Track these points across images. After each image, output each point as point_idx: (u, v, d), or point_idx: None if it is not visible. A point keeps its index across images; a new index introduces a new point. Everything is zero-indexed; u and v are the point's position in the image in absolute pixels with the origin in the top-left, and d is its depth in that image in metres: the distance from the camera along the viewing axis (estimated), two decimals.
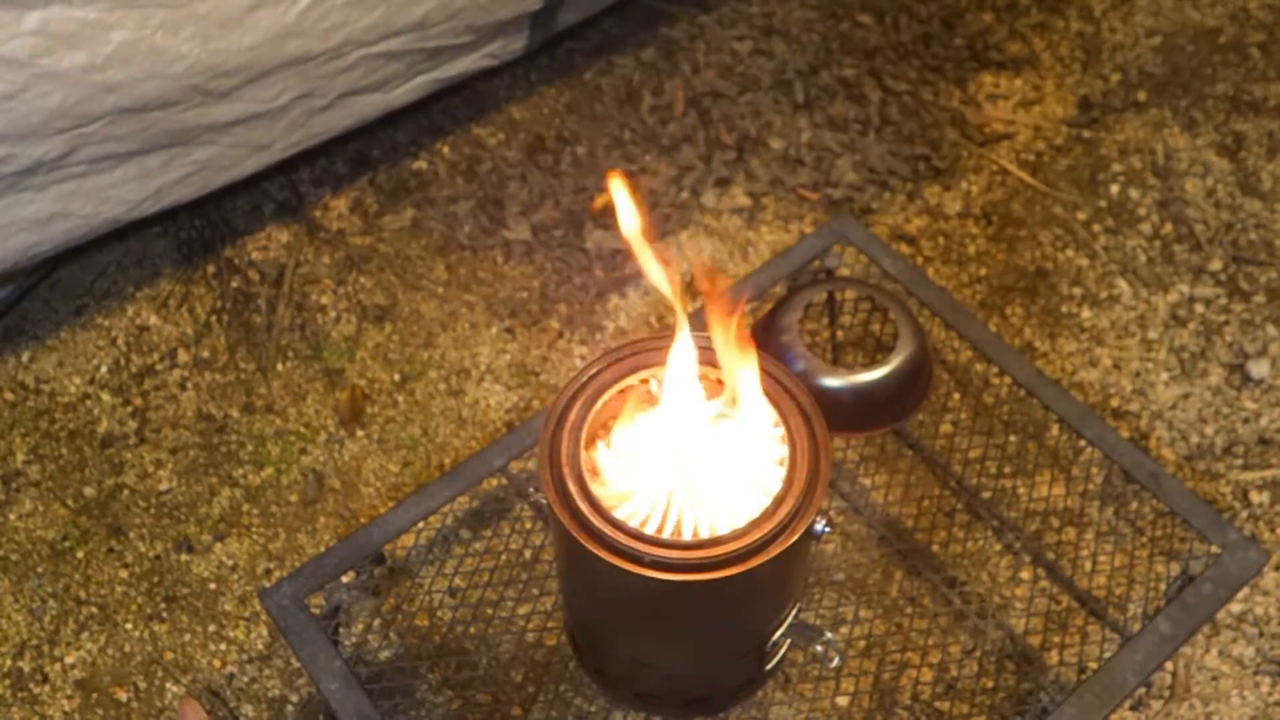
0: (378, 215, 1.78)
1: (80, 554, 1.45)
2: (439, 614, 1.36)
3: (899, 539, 1.39)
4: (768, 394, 0.91)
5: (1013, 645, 1.33)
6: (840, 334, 1.33)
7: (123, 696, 1.35)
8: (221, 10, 1.33)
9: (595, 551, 0.83)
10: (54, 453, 1.53)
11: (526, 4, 1.65)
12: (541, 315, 1.67)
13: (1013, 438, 1.49)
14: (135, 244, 1.73)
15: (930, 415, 1.52)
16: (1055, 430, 1.50)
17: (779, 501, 0.85)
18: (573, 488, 0.86)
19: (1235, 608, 1.41)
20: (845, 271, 1.48)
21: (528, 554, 1.27)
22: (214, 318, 1.66)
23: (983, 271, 1.73)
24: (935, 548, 1.37)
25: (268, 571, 1.44)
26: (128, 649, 1.38)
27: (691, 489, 0.88)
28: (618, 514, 0.86)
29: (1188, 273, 1.73)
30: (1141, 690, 1.35)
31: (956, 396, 1.55)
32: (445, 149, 1.85)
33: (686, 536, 0.87)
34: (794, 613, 0.99)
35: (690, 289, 1.71)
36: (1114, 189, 1.83)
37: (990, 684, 1.31)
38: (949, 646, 1.33)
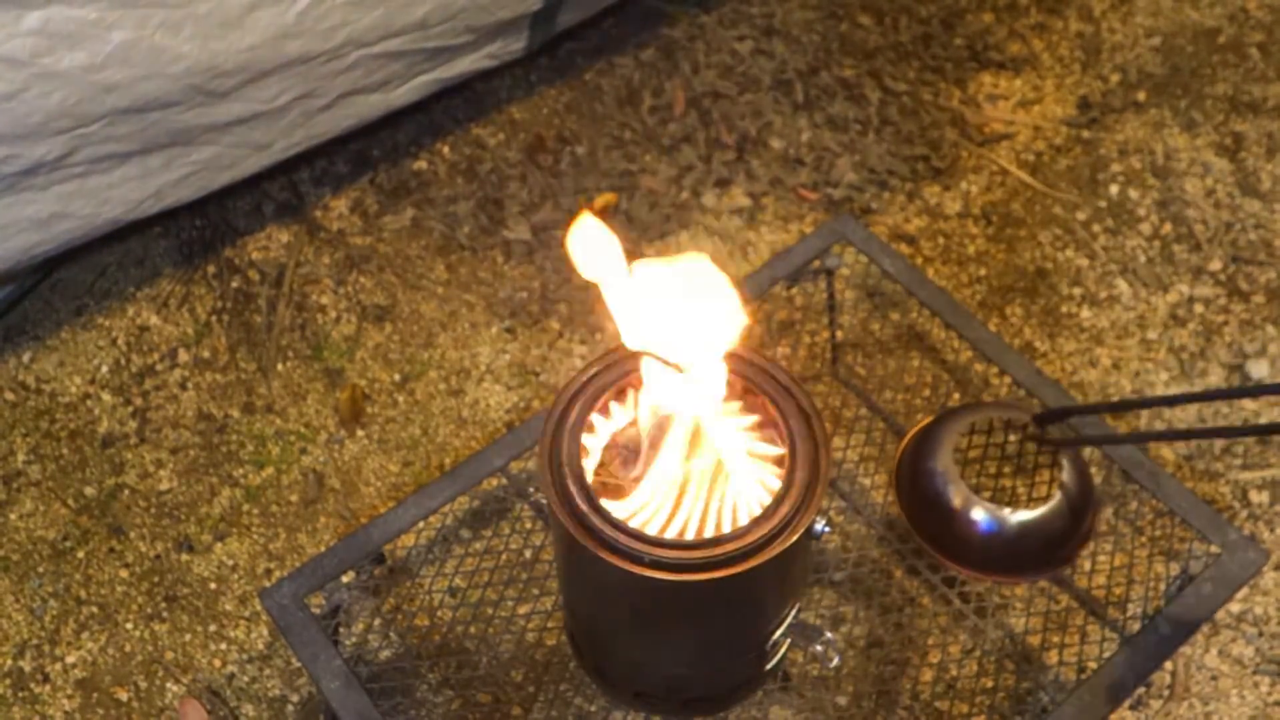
0: (378, 215, 1.78)
1: (81, 554, 1.45)
2: (439, 614, 1.36)
3: (899, 539, 1.39)
4: (768, 394, 0.91)
5: (1012, 645, 1.33)
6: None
7: (123, 696, 1.35)
8: (221, 10, 1.33)
9: (595, 551, 0.83)
10: (55, 452, 1.53)
11: (526, 4, 1.65)
12: (541, 315, 1.67)
13: (1013, 438, 1.48)
14: (136, 244, 1.73)
15: (930, 416, 1.52)
16: (1055, 430, 1.50)
17: (779, 501, 0.85)
18: (573, 488, 0.86)
19: (1235, 607, 1.42)
20: (845, 272, 1.48)
21: (528, 554, 1.27)
22: (214, 318, 1.66)
23: (983, 271, 1.73)
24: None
25: (268, 571, 1.44)
26: (128, 649, 1.39)
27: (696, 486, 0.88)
28: (617, 513, 0.86)
29: (1187, 273, 1.73)
30: (1141, 690, 1.35)
31: (956, 396, 1.55)
32: (445, 149, 1.85)
33: (687, 536, 0.87)
34: (794, 613, 0.99)
35: None
36: (1114, 189, 1.83)
37: (990, 684, 1.31)
38: (949, 646, 1.34)
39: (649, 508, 0.88)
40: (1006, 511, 1.07)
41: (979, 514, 1.08)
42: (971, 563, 1.11)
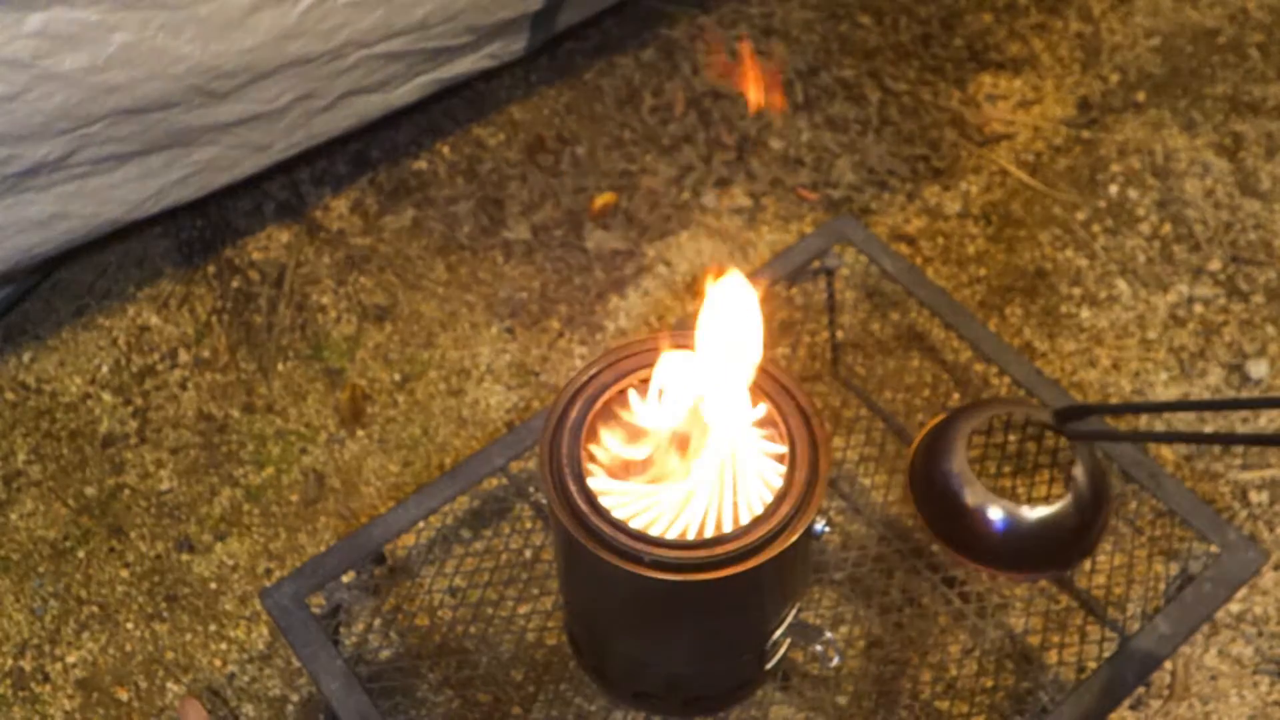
0: (378, 215, 1.78)
1: (81, 553, 1.46)
2: (439, 614, 1.36)
3: (899, 539, 1.39)
4: (767, 394, 0.91)
5: (1012, 645, 1.33)
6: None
7: (124, 696, 1.35)
8: (223, 11, 1.33)
9: (595, 551, 0.83)
10: (55, 452, 1.53)
11: (527, 4, 1.65)
12: (541, 315, 1.67)
13: (1012, 438, 1.49)
14: (136, 244, 1.73)
15: (930, 415, 1.52)
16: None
17: (779, 501, 0.85)
18: (573, 488, 0.86)
19: (1234, 607, 1.42)
20: (845, 272, 1.48)
21: (528, 554, 1.27)
22: (214, 318, 1.67)
23: (982, 271, 1.73)
24: (935, 547, 1.37)
25: (268, 571, 1.44)
26: (129, 648, 1.39)
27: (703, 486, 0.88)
28: (618, 513, 0.86)
29: (1187, 273, 1.73)
30: (1141, 690, 1.35)
31: (956, 396, 1.55)
32: (445, 149, 1.85)
33: (687, 536, 0.88)
34: (794, 612, 1.00)
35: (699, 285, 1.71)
36: (1113, 189, 1.84)
37: (990, 683, 1.31)
38: (949, 646, 1.34)
39: (654, 506, 0.89)
40: (1024, 508, 1.08)
41: (997, 512, 1.08)
42: (990, 560, 1.10)
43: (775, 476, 0.88)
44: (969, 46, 2.02)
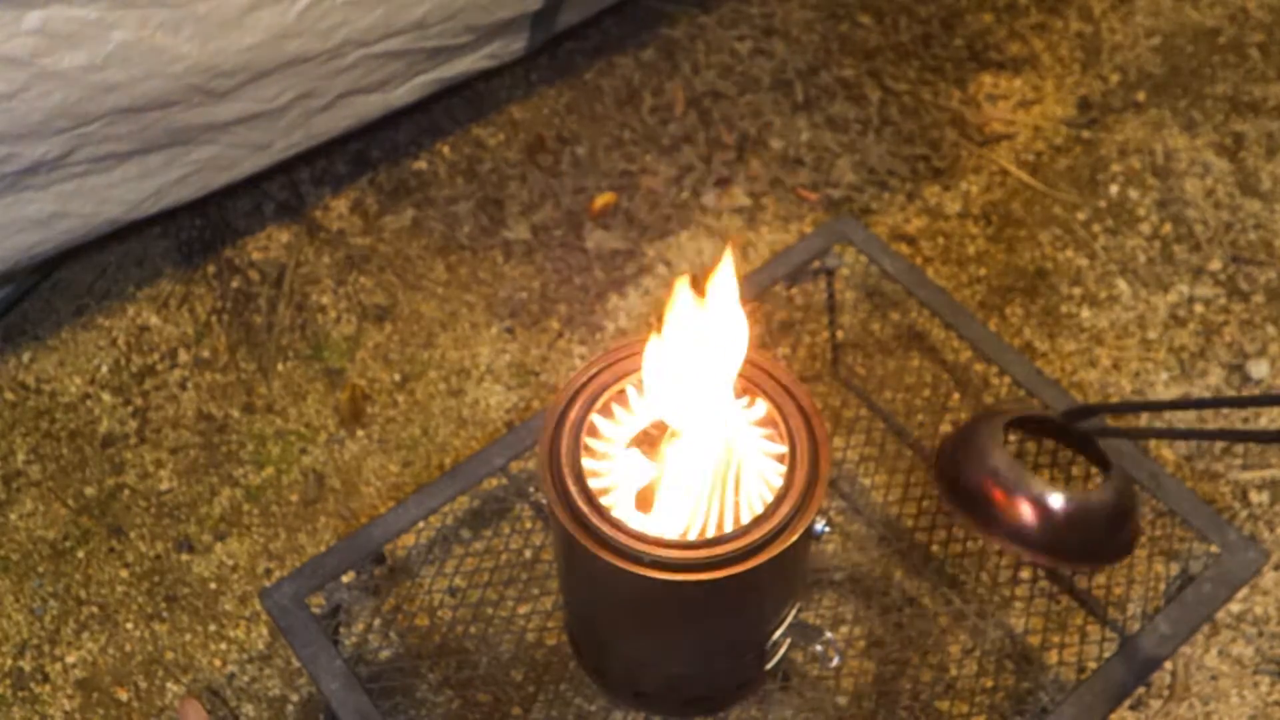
0: (378, 215, 1.78)
1: (81, 554, 1.45)
2: (439, 614, 1.36)
3: (899, 539, 1.39)
4: (767, 394, 0.91)
5: (1012, 645, 1.33)
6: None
7: (123, 696, 1.35)
8: (221, 10, 1.33)
9: (595, 551, 0.83)
10: (55, 452, 1.53)
11: (526, 4, 1.65)
12: (541, 315, 1.67)
13: (1012, 438, 1.49)
14: (135, 244, 1.73)
15: (930, 415, 1.52)
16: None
17: (779, 501, 0.85)
18: (573, 488, 0.86)
19: (1234, 607, 1.42)
20: (845, 272, 1.48)
21: (528, 554, 1.27)
22: (214, 318, 1.67)
23: (982, 271, 1.73)
24: (935, 548, 1.37)
25: (268, 571, 1.44)
26: (128, 648, 1.39)
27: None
28: (616, 512, 0.86)
29: (1187, 273, 1.73)
30: (1141, 690, 1.35)
31: (956, 396, 1.55)
32: (445, 149, 1.85)
33: (687, 537, 0.87)
34: (794, 613, 0.99)
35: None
36: (1113, 189, 1.83)
37: (990, 684, 1.31)
38: (949, 646, 1.34)
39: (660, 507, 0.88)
40: (1087, 492, 1.08)
41: (1059, 499, 1.08)
42: (1053, 550, 1.10)
43: (775, 476, 0.88)
44: (969, 46, 2.02)
